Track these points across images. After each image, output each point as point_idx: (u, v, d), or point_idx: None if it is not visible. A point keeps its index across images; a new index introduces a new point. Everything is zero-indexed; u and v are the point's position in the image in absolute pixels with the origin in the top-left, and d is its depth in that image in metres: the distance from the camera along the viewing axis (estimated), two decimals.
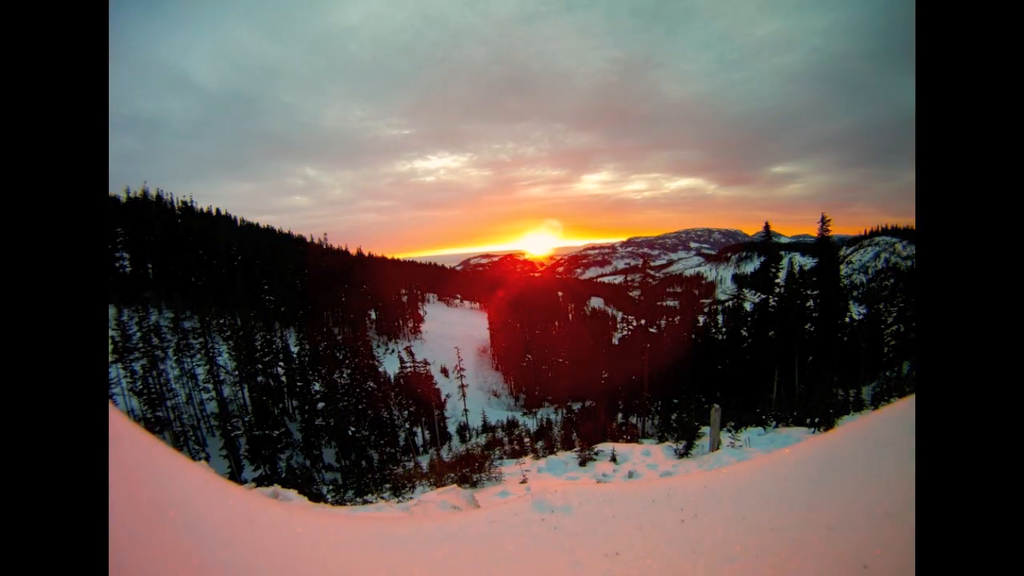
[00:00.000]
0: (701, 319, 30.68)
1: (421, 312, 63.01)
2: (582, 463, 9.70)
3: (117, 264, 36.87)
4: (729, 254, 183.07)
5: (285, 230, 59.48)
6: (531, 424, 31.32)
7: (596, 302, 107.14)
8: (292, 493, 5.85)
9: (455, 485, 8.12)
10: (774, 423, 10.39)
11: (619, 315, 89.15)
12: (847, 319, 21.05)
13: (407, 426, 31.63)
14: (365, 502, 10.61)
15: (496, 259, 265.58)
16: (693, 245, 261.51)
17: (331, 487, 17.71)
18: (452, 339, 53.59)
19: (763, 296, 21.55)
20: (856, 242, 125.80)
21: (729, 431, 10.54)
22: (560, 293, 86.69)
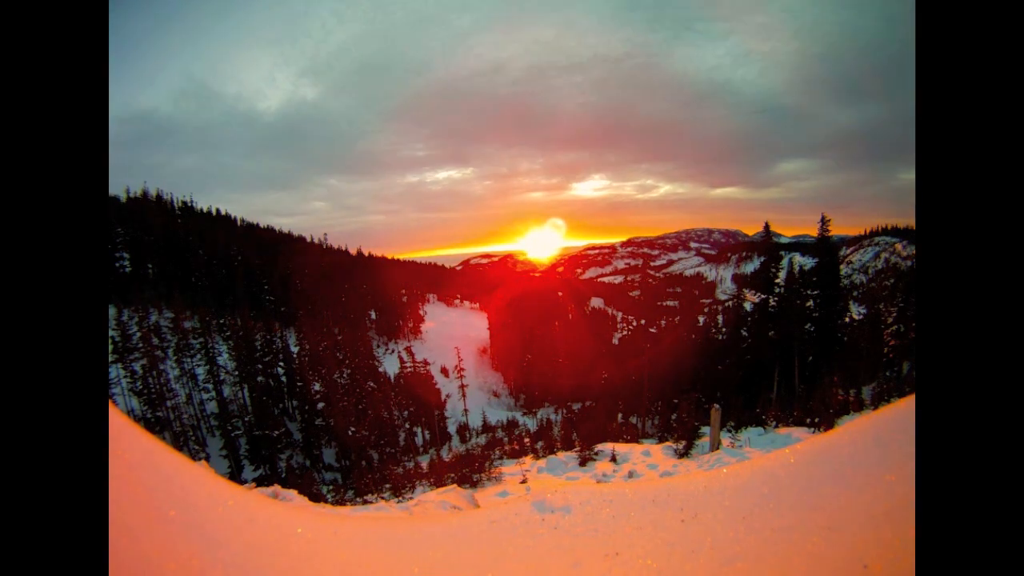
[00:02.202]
0: (701, 319, 30.68)
1: (421, 312, 63.03)
2: (582, 463, 9.71)
3: (117, 264, 36.87)
4: (729, 254, 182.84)
5: (285, 230, 59.32)
6: (531, 424, 31.31)
7: (596, 302, 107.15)
8: (292, 493, 5.86)
9: (455, 485, 8.13)
10: (774, 423, 10.38)
11: (619, 315, 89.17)
12: (847, 319, 21.02)
13: (407, 426, 31.62)
14: (365, 502, 10.61)
15: (496, 259, 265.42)
16: (693, 245, 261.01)
17: (331, 487, 17.74)
18: (452, 339, 53.58)
19: (763, 296, 21.53)
20: (856, 242, 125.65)
21: (729, 431, 10.54)
22: (560, 293, 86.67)
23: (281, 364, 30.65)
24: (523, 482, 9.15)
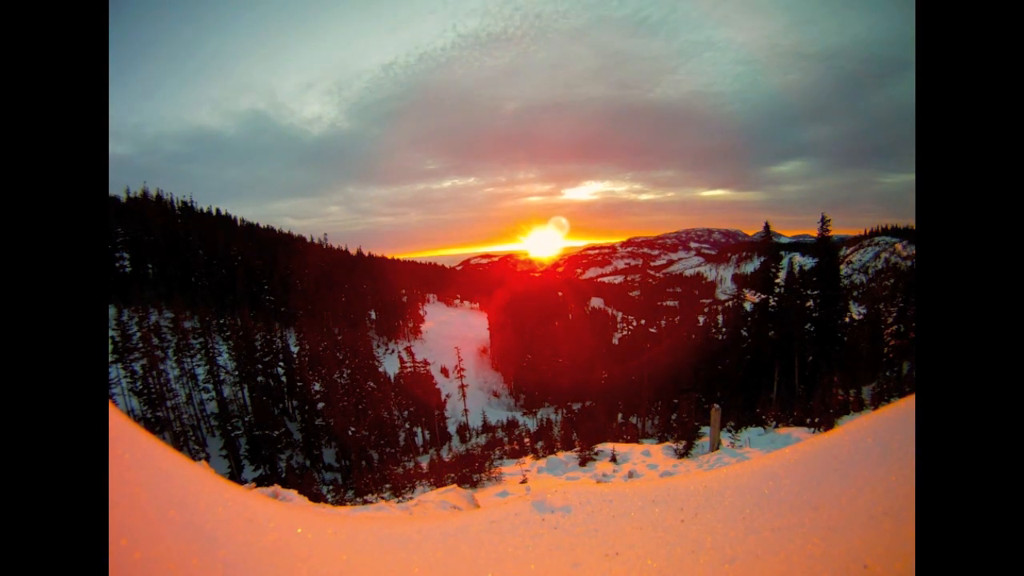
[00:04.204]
0: (701, 319, 30.68)
1: (421, 312, 63.01)
2: (582, 463, 9.71)
3: (117, 264, 36.85)
4: (729, 254, 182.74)
5: (285, 230, 59.19)
6: (531, 424, 31.32)
7: (596, 302, 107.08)
8: (292, 493, 5.86)
9: (455, 485, 8.13)
10: (774, 423, 10.38)
11: (619, 315, 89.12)
12: (847, 319, 21.02)
13: (407, 426, 31.63)
14: (365, 502, 10.62)
15: (496, 259, 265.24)
16: (693, 245, 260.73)
17: (331, 487, 17.74)
18: (452, 339, 53.59)
19: (763, 296, 21.53)
20: (856, 242, 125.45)
21: (729, 431, 10.54)
22: (560, 293, 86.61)
23: (281, 364, 30.65)
24: (523, 482, 9.15)
